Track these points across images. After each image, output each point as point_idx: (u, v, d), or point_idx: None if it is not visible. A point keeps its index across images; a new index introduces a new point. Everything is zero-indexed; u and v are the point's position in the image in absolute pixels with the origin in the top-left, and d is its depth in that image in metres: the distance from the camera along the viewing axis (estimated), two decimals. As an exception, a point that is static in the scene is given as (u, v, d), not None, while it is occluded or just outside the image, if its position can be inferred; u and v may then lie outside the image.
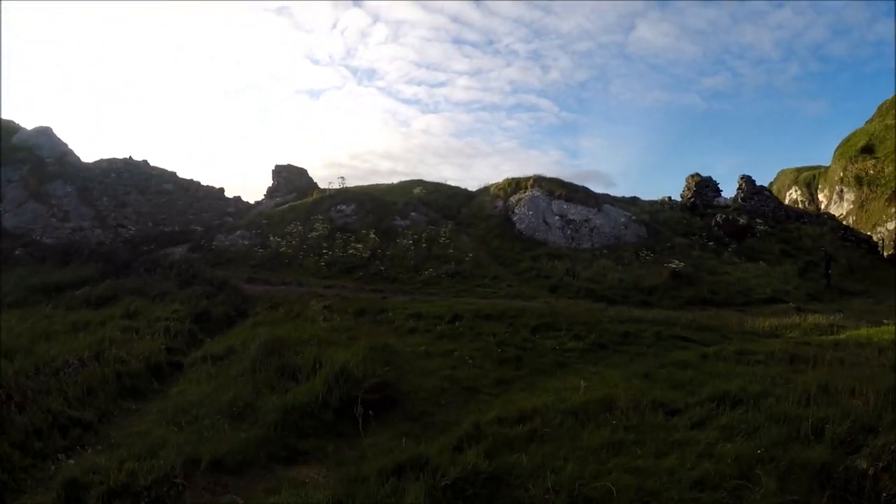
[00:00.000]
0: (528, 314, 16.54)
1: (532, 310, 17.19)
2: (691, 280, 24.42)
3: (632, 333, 15.30)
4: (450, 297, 20.09)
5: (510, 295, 20.52)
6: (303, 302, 19.83)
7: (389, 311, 17.45)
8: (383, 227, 26.79)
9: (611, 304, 20.59)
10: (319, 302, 19.35)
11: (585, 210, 28.50)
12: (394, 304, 18.41)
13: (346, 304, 18.73)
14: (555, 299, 20.45)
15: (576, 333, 14.87)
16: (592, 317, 16.97)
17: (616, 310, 19.27)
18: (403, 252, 24.10)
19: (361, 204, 28.92)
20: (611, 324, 16.24)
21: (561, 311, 17.29)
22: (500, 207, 29.43)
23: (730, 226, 32.76)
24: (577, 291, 21.47)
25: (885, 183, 54.81)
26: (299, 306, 19.23)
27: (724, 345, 14.42)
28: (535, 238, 27.02)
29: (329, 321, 16.81)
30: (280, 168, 37.22)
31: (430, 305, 17.98)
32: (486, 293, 20.62)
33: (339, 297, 20.12)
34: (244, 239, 29.47)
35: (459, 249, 24.50)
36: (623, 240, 28.20)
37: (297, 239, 27.05)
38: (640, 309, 20.36)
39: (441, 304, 18.07)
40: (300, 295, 21.11)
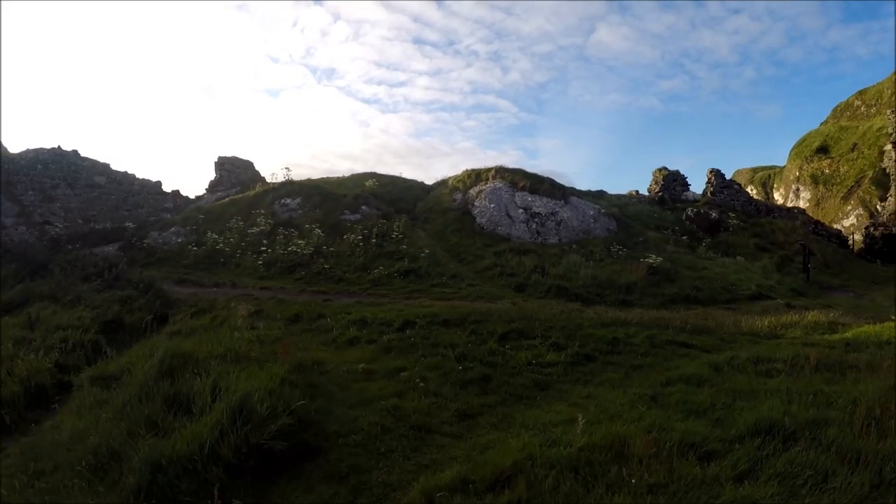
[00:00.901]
0: (495, 318, 13.58)
1: (499, 312, 14.19)
2: (670, 276, 21.77)
3: (620, 340, 12.58)
4: (402, 298, 16.97)
5: (472, 296, 17.48)
6: (232, 306, 16.56)
7: (329, 316, 14.31)
8: (331, 222, 23.50)
9: (586, 304, 17.80)
10: (249, 306, 16.07)
11: (552, 203, 25.62)
12: (335, 308, 15.25)
13: (280, 309, 15.59)
14: (523, 299, 17.48)
15: (554, 342, 12.01)
16: (571, 320, 14.09)
17: (594, 310, 16.47)
18: (351, 249, 20.85)
19: (308, 197, 25.56)
20: (593, 328, 13.43)
21: (533, 313, 14.32)
22: (459, 200, 26.36)
23: (702, 220, 30.33)
24: (548, 290, 18.55)
25: (841, 182, 54.87)
26: (226, 312, 15.94)
27: (731, 351, 11.85)
28: (498, 233, 24.03)
29: (255, 330, 13.54)
30: (223, 160, 33.44)
31: (378, 309, 14.87)
32: (445, 294, 17.54)
33: (275, 300, 16.93)
34: (178, 236, 25.90)
35: (414, 245, 21.35)
36: (592, 234, 25.41)
37: (235, 235, 23.60)
38: (620, 309, 17.67)
39: (391, 308, 14.97)
40: (231, 298, 17.91)
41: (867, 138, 55.78)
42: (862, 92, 63.09)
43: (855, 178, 53.86)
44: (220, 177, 32.79)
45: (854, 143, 57.03)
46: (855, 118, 61.76)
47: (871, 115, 59.60)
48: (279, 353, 10.49)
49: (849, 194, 53.02)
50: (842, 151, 58.18)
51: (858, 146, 56.28)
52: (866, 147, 55.24)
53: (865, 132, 56.83)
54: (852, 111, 63.10)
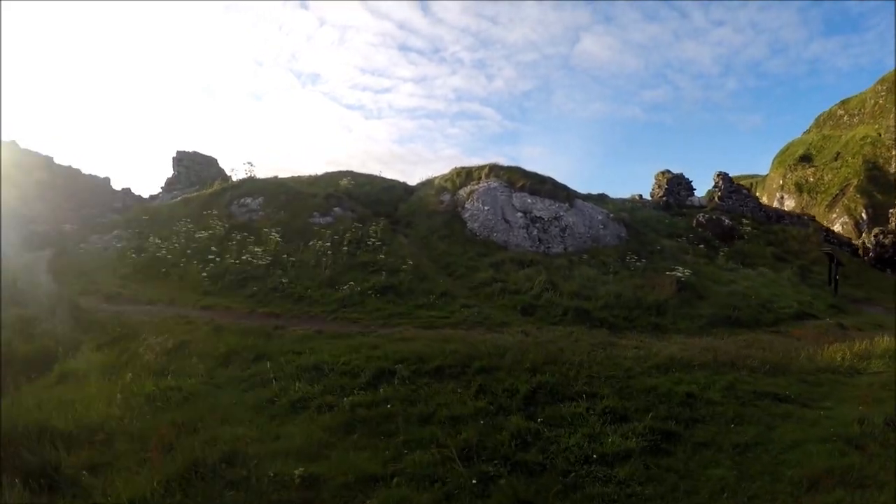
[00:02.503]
0: (510, 363, 9.21)
1: (512, 352, 9.73)
2: (699, 292, 17.37)
3: (697, 397, 8.34)
4: (377, 326, 12.33)
5: (469, 321, 12.86)
6: (155, 334, 11.83)
7: (272, 357, 9.55)
8: (296, 226, 18.66)
9: (614, 331, 13.54)
10: (170, 338, 11.27)
11: (555, 206, 21.01)
12: (285, 343, 10.58)
13: (212, 342, 10.95)
14: (535, 326, 12.88)
15: (608, 407, 7.74)
16: (615, 363, 9.57)
17: (630, 341, 12.00)
18: (317, 258, 16.07)
19: (272, 196, 20.68)
20: (651, 376, 8.83)
21: (559, 353, 9.67)
22: (447, 202, 21.63)
23: (715, 227, 25.96)
24: (564, 313, 14.01)
25: (825, 190, 52.07)
26: (144, 344, 11.19)
27: (833, 402, 8.57)
28: (493, 240, 19.39)
29: (163, 381, 8.79)
30: (182, 155, 28.31)
31: (344, 345, 10.25)
32: (433, 319, 12.89)
33: (211, 326, 12.19)
34: (120, 240, 20.91)
35: (394, 254, 16.60)
36: (602, 242, 20.84)
37: (182, 241, 18.67)
38: (656, 335, 13.45)
39: (361, 343, 10.35)
40: (160, 322, 13.11)
41: (850, 147, 52.84)
42: (845, 101, 60.02)
43: (839, 186, 50.73)
44: (178, 174, 27.75)
45: (837, 151, 54.05)
46: (838, 127, 58.68)
47: (854, 124, 56.63)
48: (153, 451, 5.61)
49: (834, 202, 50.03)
50: (825, 160, 55.31)
51: (842, 155, 53.16)
52: (850, 156, 52.23)
53: (848, 141, 53.89)
54: (835, 120, 59.95)
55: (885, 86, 51.89)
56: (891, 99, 50.53)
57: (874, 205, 43.73)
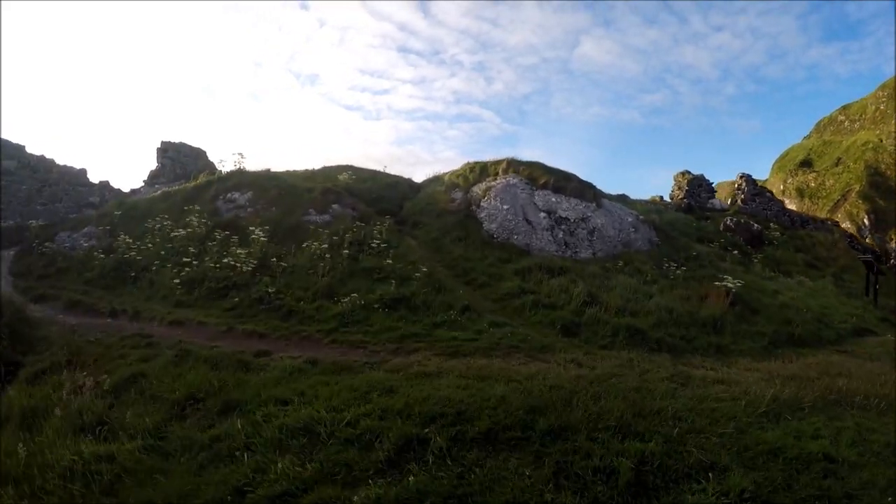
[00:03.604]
0: (585, 418, 6.02)
1: (579, 397, 6.65)
2: (750, 305, 14.49)
3: (834, 458, 5.90)
4: (388, 352, 9.37)
5: (504, 346, 9.94)
6: (104, 362, 8.98)
7: (247, 409, 6.42)
8: (289, 225, 15.65)
9: (674, 355, 10.54)
10: (122, 367, 8.37)
11: (582, 206, 18.07)
12: (266, 383, 7.47)
13: (171, 378, 8.11)
14: (581, 350, 9.91)
15: (744, 491, 4.40)
16: (708, 407, 6.58)
17: (705, 371, 9.31)
18: (312, 263, 13.05)
19: (262, 191, 17.63)
20: (761, 427, 6.47)
21: (642, 399, 6.78)
22: (459, 200, 18.62)
23: (744, 231, 23.18)
24: (614, 333, 11.11)
25: (827, 195, 49.72)
26: (81, 377, 8.18)
27: None
28: (514, 243, 16.43)
29: (90, 445, 5.65)
30: (167, 146, 25.08)
31: (347, 387, 7.15)
32: (458, 342, 9.89)
33: (177, 350, 9.25)
34: (89, 239, 17.92)
35: (403, 259, 13.62)
36: (633, 246, 17.92)
37: (157, 239, 15.64)
38: (720, 359, 10.80)
39: (371, 383, 7.21)
40: (119, 340, 10.32)
41: (852, 153, 50.59)
42: (846, 107, 57.72)
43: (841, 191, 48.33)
44: (163, 166, 24.59)
45: (838, 157, 51.69)
46: (839, 133, 56.42)
47: (854, 129, 54.42)
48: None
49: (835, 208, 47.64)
50: (826, 165, 53.04)
51: (843, 160, 50.80)
52: (851, 161, 49.95)
53: (849, 147, 51.62)
54: (836, 126, 57.66)
55: (887, 92, 49.83)
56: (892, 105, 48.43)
57: (876, 210, 41.78)
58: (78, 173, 23.20)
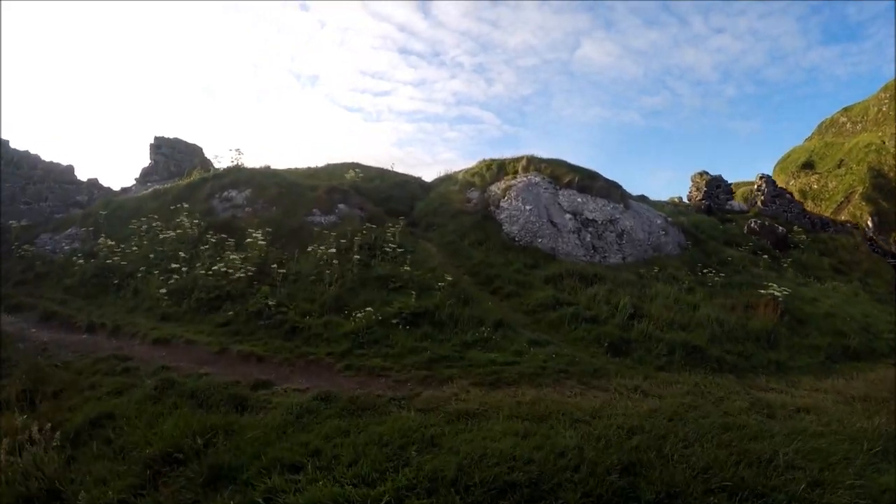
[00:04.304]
0: (690, 477, 4.02)
1: (670, 444, 4.77)
2: (796, 315, 12.73)
3: None
4: (417, 380, 7.54)
5: (550, 370, 8.18)
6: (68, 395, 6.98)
7: (244, 477, 4.43)
8: (291, 226, 13.78)
9: (737, 376, 8.87)
10: (88, 404, 6.46)
11: (609, 206, 16.29)
12: (268, 433, 5.51)
13: (145, 425, 5.89)
14: (637, 372, 8.11)
15: None
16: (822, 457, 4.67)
17: (783, 397, 7.79)
18: (318, 269, 11.17)
19: (261, 189, 15.75)
20: (881, 471, 4.37)
21: (745, 447, 4.82)
22: (475, 200, 16.77)
23: (769, 234, 21.45)
24: (670, 351, 9.38)
25: (830, 197, 48.16)
26: (33, 420, 6.11)
27: None
28: (537, 246, 14.63)
29: None
30: (160, 142, 23.00)
31: (374, 439, 5.23)
32: (498, 367, 8.11)
33: (157, 380, 7.24)
34: (72, 241, 16.02)
35: (421, 265, 11.76)
36: (664, 250, 16.18)
37: (145, 242, 13.73)
38: (784, 380, 9.22)
39: (404, 432, 5.32)
40: (89, 366, 8.25)
41: (854, 154, 49.03)
42: (847, 109, 56.10)
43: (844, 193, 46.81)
44: (156, 163, 22.56)
45: (841, 159, 50.10)
46: (841, 135, 54.78)
47: (856, 131, 52.82)
48: None
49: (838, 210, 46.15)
50: (828, 167, 51.48)
51: (846, 162, 49.27)
52: (854, 163, 48.34)
53: (852, 148, 50.07)
54: (837, 128, 56.04)
55: (889, 93, 48.36)
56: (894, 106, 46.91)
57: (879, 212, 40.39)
58: (64, 170, 21.24)
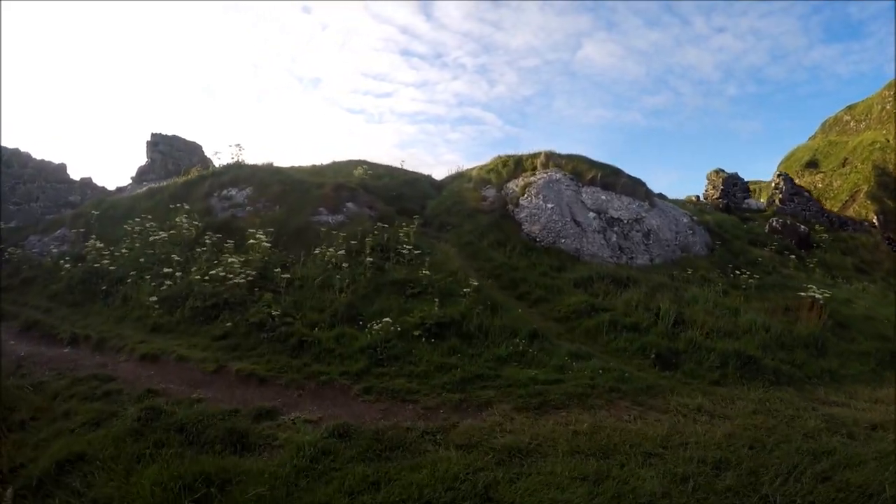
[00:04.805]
0: None
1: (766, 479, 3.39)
2: (837, 319, 11.53)
3: None
4: (450, 406, 6.23)
5: (600, 387, 6.88)
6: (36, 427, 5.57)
7: None
8: (296, 226, 12.52)
9: (797, 388, 8.02)
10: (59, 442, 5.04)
11: (634, 204, 15.06)
12: (277, 480, 4.13)
13: (123, 472, 4.42)
14: (691, 387, 6.82)
15: None
16: None
17: (855, 413, 6.32)
18: (325, 274, 9.89)
19: (263, 187, 14.49)
20: None
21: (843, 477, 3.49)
22: (491, 198, 15.52)
23: (791, 233, 20.23)
24: (722, 363, 8.23)
25: (835, 196, 47.06)
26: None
27: None
28: (560, 247, 13.40)
29: None
30: (158, 139, 21.63)
31: (411, 489, 3.84)
32: (539, 386, 6.86)
33: (141, 408, 5.87)
34: (60, 243, 14.74)
35: (440, 269, 10.49)
36: (692, 251, 14.95)
37: (137, 244, 12.45)
38: (841, 390, 8.23)
39: (447, 477, 4.06)
40: (65, 388, 6.93)
41: (859, 153, 47.89)
42: (851, 107, 54.90)
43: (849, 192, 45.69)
44: (153, 161, 21.24)
45: (845, 157, 48.96)
46: (844, 133, 53.60)
47: (861, 129, 51.58)
48: None
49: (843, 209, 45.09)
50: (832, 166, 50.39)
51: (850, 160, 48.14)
52: (859, 161, 47.23)
53: (856, 147, 48.90)
54: (841, 126, 54.85)
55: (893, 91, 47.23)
56: (898, 104, 45.82)
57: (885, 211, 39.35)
58: (56, 169, 19.98)
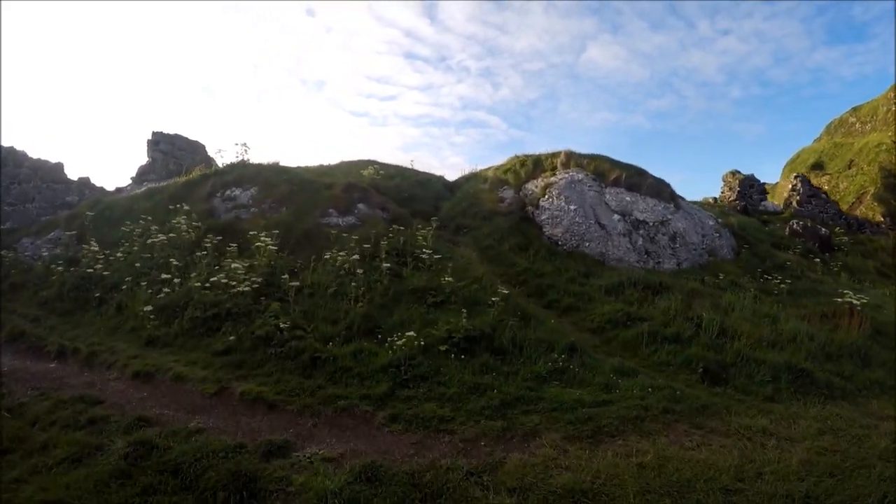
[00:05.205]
0: None
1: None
2: (876, 327, 10.65)
3: None
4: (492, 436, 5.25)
5: (652, 408, 5.78)
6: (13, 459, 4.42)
7: None
8: (304, 228, 11.58)
9: (851, 403, 7.04)
10: (29, 487, 3.94)
11: (660, 206, 14.12)
12: None
13: None
14: (748, 407, 5.84)
15: None
16: None
17: None
18: (337, 281, 8.93)
19: (269, 187, 13.55)
20: None
21: None
22: (509, 200, 14.58)
23: (812, 236, 19.28)
24: (774, 377, 7.31)
25: (841, 198, 46.11)
26: None
27: None
28: (584, 251, 12.46)
29: None
30: (159, 137, 20.61)
31: None
32: (588, 410, 5.88)
33: (127, 443, 4.81)
34: (56, 246, 13.78)
35: (464, 275, 9.53)
36: (719, 255, 14.03)
37: (135, 247, 11.50)
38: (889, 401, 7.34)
39: None
40: (44, 413, 5.90)
41: (864, 154, 46.89)
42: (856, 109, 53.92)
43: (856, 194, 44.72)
44: (154, 160, 20.25)
45: (851, 159, 47.98)
46: (850, 135, 52.61)
47: (866, 131, 50.55)
48: None
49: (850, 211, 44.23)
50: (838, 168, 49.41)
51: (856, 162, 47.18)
52: (865, 163, 46.20)
53: (862, 148, 47.93)
54: (846, 128, 53.87)
55: (898, 93, 46.48)
56: (903, 106, 44.93)
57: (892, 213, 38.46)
58: (53, 168, 18.99)
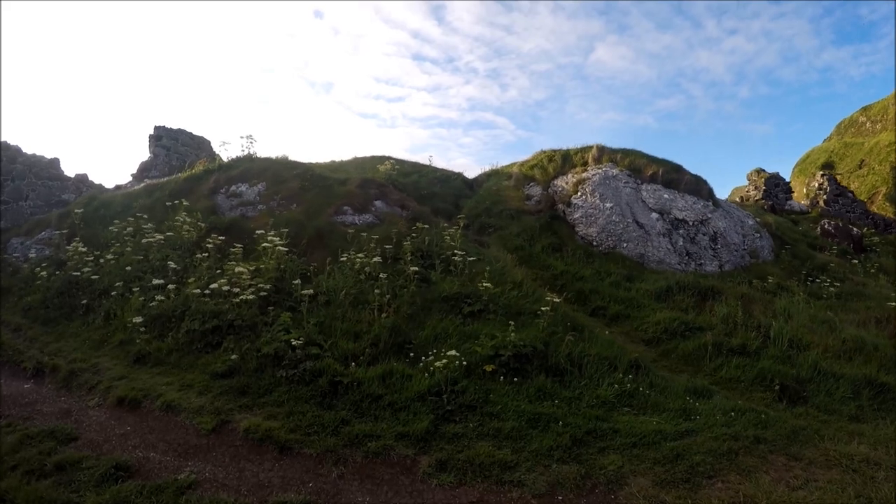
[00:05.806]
0: None
1: None
2: None
3: None
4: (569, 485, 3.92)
5: (742, 437, 4.42)
6: None
7: None
8: (317, 227, 10.31)
9: None
10: None
11: (699, 204, 12.82)
12: None
13: None
14: (837, 430, 4.44)
15: None
16: None
17: None
18: (357, 287, 7.61)
19: (278, 182, 12.29)
20: None
21: None
22: (537, 197, 13.30)
23: (845, 236, 18.00)
24: (854, 392, 5.96)
25: None
26: None
27: None
28: (622, 252, 11.21)
29: None
30: (161, 132, 19.28)
31: None
32: (671, 443, 4.50)
33: (110, 497, 3.32)
34: (44, 248, 12.54)
35: (502, 280, 8.24)
36: (760, 256, 12.77)
37: (128, 248, 10.22)
38: None
39: None
40: (12, 447, 4.41)
41: (875, 154, 45.51)
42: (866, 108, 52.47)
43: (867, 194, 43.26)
44: (155, 156, 18.95)
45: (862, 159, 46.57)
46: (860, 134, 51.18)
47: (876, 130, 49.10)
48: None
49: (862, 210, 42.89)
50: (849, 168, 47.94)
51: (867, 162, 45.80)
52: (876, 163, 44.76)
53: (872, 148, 46.50)
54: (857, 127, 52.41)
55: (909, 92, 45.05)
56: (915, 105, 43.57)
57: (905, 212, 37.29)
58: (49, 164, 17.71)
